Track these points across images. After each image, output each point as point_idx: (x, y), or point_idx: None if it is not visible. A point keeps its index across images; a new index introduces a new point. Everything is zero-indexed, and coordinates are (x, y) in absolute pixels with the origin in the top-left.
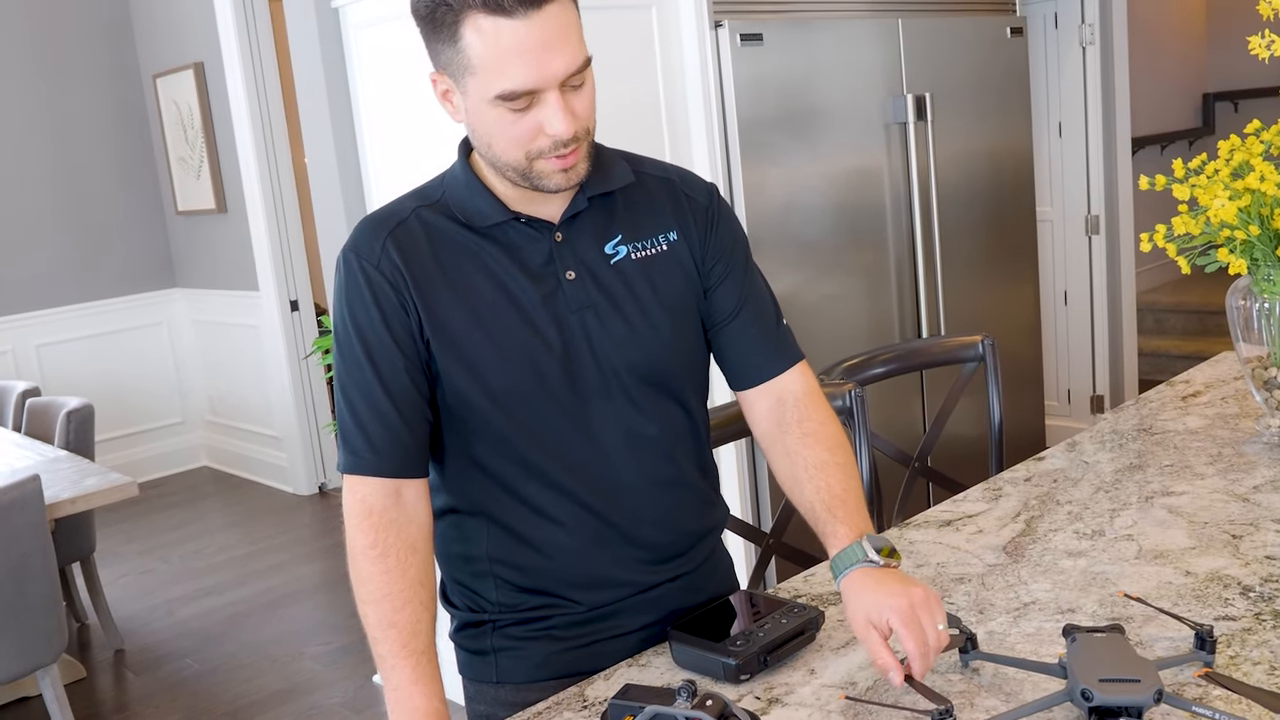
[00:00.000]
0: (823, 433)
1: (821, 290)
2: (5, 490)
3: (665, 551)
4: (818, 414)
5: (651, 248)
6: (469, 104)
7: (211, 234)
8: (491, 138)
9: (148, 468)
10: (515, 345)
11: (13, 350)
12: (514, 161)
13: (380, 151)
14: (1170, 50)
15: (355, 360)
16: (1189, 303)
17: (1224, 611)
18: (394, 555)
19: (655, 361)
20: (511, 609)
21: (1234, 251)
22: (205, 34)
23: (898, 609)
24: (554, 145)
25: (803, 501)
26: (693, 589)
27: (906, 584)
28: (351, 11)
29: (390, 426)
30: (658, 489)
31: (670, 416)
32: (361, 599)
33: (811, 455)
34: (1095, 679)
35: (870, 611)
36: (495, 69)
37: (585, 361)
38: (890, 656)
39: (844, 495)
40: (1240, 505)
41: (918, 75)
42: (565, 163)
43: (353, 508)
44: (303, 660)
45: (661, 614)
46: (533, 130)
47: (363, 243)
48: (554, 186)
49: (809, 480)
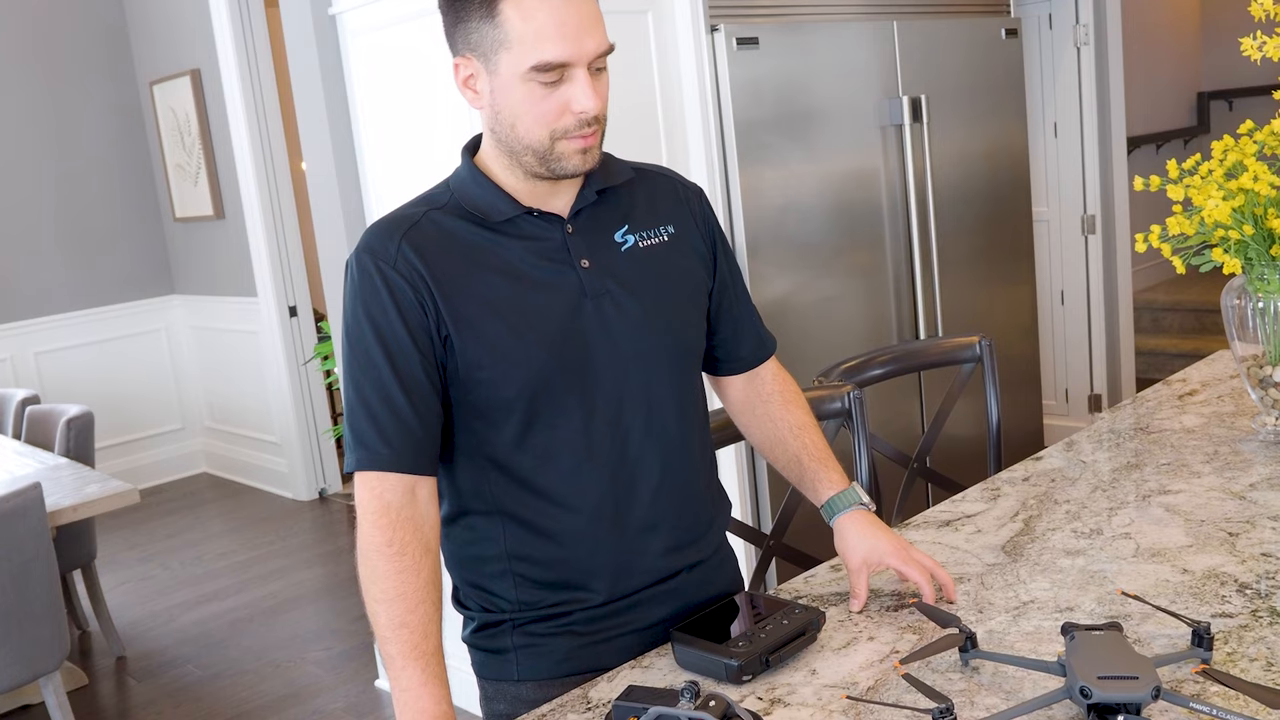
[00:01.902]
0: (798, 400)
1: (819, 292)
2: (7, 498)
3: (682, 537)
4: (791, 386)
5: (654, 237)
6: (497, 83)
7: (210, 240)
8: (517, 117)
9: (147, 474)
10: (535, 334)
11: (12, 358)
12: (537, 142)
13: (378, 157)
14: (1165, 50)
15: (370, 358)
16: (1186, 301)
17: (1221, 609)
18: (410, 554)
19: (670, 345)
20: (531, 606)
21: (1228, 251)
22: (202, 41)
23: (892, 550)
24: (579, 124)
25: (785, 456)
26: (706, 581)
27: (890, 531)
28: (349, 18)
29: (406, 422)
30: (673, 472)
31: (683, 400)
32: (373, 598)
33: (793, 418)
34: (1094, 676)
35: (868, 554)
36: (533, 42)
37: (603, 347)
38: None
39: (827, 451)
40: (1237, 503)
41: (913, 77)
42: (587, 142)
43: (369, 504)
44: (305, 665)
45: (678, 606)
46: (559, 107)
47: (376, 245)
48: (572, 169)
49: (793, 439)
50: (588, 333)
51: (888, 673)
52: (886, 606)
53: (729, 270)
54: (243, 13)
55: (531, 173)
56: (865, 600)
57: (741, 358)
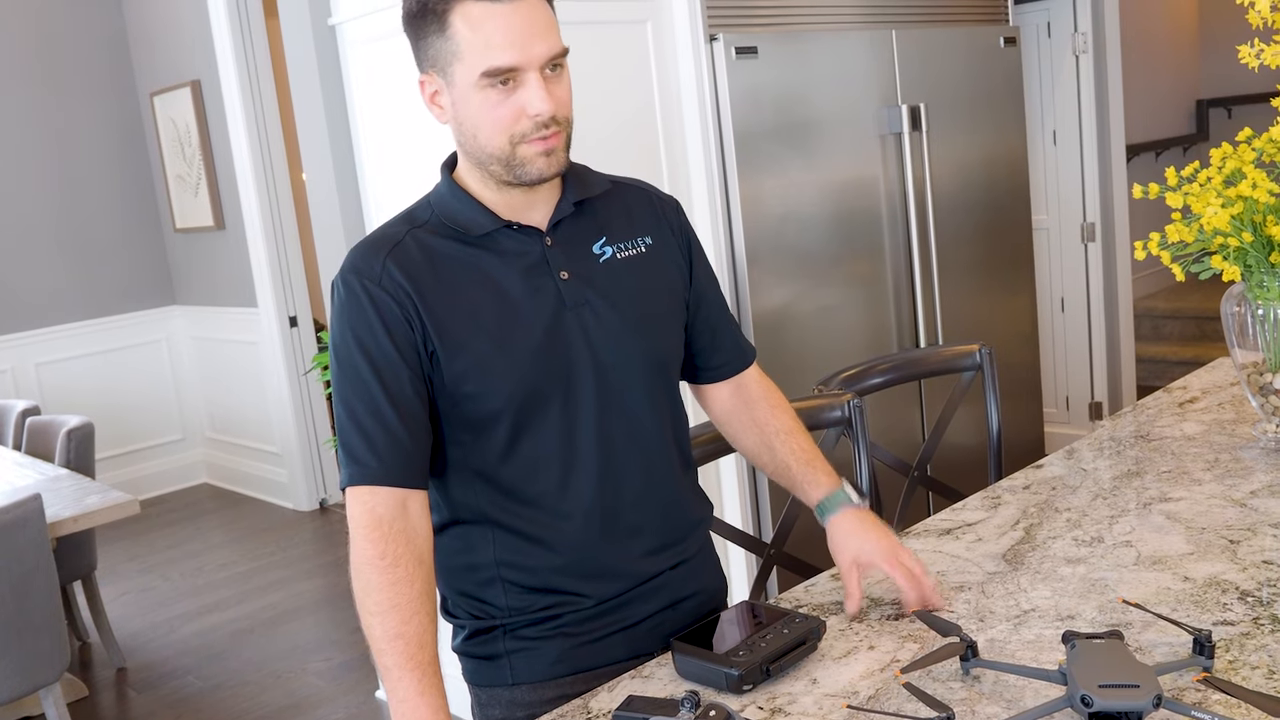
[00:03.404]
0: (783, 405)
1: (818, 300)
2: (7, 509)
3: (665, 539)
4: (775, 393)
5: (632, 249)
6: (455, 95)
7: (210, 251)
8: (477, 126)
9: (147, 485)
10: (519, 346)
11: (12, 369)
12: (498, 150)
13: (378, 167)
14: (1163, 57)
15: (358, 376)
16: (1185, 308)
17: (1222, 616)
18: (403, 566)
19: (649, 354)
20: (521, 611)
21: (1228, 258)
22: (202, 52)
23: (880, 551)
24: (535, 126)
25: (775, 461)
26: (691, 576)
27: (881, 530)
28: (348, 29)
29: (396, 437)
30: (655, 477)
31: (663, 407)
32: (368, 610)
33: (780, 423)
34: (1095, 685)
35: (859, 554)
36: (482, 49)
37: (584, 357)
38: (860, 592)
39: (815, 453)
40: (1238, 510)
41: (912, 85)
42: (547, 145)
43: (360, 518)
44: (305, 676)
45: (665, 602)
46: (515, 112)
47: (362, 264)
48: (537, 173)
49: (781, 444)
50: (569, 343)
51: (888, 682)
52: (887, 615)
53: (705, 280)
54: (243, 24)
55: (501, 181)
56: (859, 600)
57: (721, 366)
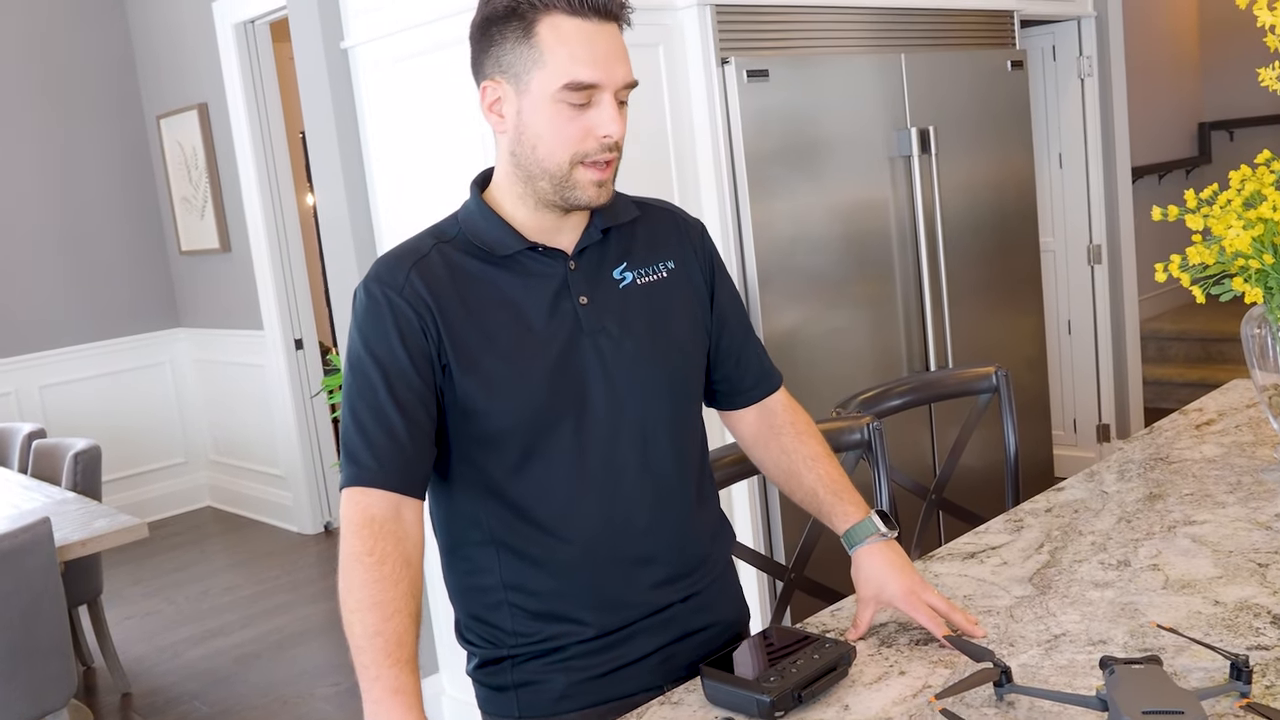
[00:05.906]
0: (811, 431)
1: (829, 323)
2: (16, 533)
3: (676, 570)
4: (802, 418)
5: (653, 274)
6: (526, 103)
7: (215, 273)
8: (540, 138)
9: (151, 508)
10: (532, 368)
11: (16, 391)
12: (556, 166)
13: (390, 191)
14: (1166, 81)
15: (367, 380)
16: (1192, 330)
17: (1256, 641)
18: (390, 564)
19: (666, 381)
20: (527, 638)
21: (1249, 280)
22: (209, 75)
23: (901, 594)
24: (600, 148)
25: (802, 488)
26: (703, 609)
27: (905, 569)
28: (361, 52)
29: (398, 443)
30: (668, 506)
31: (680, 435)
32: (349, 607)
33: (807, 449)
34: (1138, 711)
35: (880, 591)
36: (567, 61)
37: (599, 382)
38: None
39: (843, 480)
40: (1264, 534)
41: (921, 108)
42: (602, 174)
43: (353, 517)
44: (313, 701)
45: (673, 635)
46: (584, 131)
47: (385, 273)
48: (585, 200)
49: (808, 470)
50: (584, 368)
51: (921, 708)
52: (916, 640)
53: (729, 304)
54: (250, 47)
55: (544, 201)
56: (863, 632)
57: (746, 390)
